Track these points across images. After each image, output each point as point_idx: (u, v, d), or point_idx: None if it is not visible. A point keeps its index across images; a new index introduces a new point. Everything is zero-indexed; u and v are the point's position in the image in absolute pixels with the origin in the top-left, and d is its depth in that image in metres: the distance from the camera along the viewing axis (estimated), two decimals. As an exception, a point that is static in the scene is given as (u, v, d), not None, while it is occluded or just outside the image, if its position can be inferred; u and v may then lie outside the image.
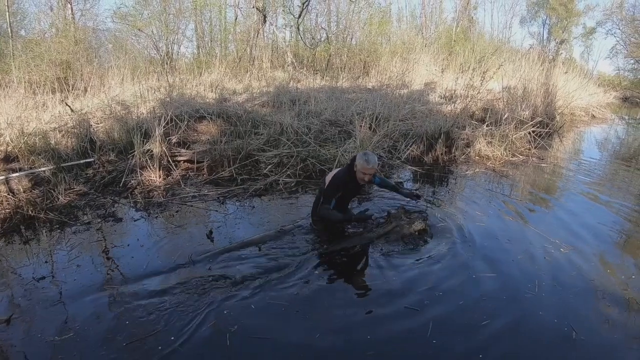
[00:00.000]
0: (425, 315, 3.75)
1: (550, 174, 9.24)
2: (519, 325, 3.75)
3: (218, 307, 3.74)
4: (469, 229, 5.70)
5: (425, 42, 23.74)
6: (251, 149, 8.12)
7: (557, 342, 3.58)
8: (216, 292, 3.97)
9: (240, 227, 5.56)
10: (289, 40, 21.81)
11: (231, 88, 14.07)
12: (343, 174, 5.14)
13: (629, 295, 4.36)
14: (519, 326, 3.74)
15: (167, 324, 3.50)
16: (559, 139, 13.98)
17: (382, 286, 4.26)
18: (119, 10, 18.17)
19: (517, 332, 3.67)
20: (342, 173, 5.17)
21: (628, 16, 44.51)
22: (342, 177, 5.12)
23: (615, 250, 5.52)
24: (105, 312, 3.67)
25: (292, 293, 4.03)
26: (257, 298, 3.91)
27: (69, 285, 4.07)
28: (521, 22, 57.72)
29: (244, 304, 3.82)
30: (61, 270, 4.34)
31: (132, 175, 7.00)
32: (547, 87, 14.67)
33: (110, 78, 12.22)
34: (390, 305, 3.93)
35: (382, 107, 10.81)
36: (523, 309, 3.99)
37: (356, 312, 3.81)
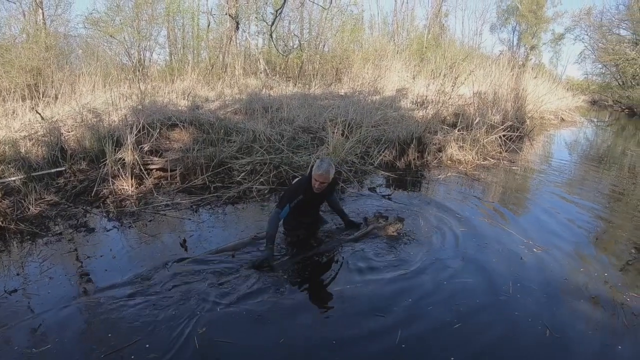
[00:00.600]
0: (394, 321, 3.81)
1: (521, 177, 9.45)
2: (492, 327, 3.83)
3: (194, 314, 3.75)
4: (443, 233, 5.82)
5: (397, 48, 23.95)
6: (224, 156, 8.13)
7: (530, 342, 3.68)
8: (191, 300, 3.98)
9: (214, 235, 5.57)
10: (262, 48, 21.83)
11: (203, 95, 14.01)
12: (306, 179, 5.16)
13: (602, 292, 4.50)
14: (491, 328, 3.82)
15: (144, 334, 3.50)
16: (529, 142, 14.28)
17: (352, 292, 4.31)
18: (91, 16, 17.99)
19: (490, 334, 3.75)
20: (305, 178, 5.22)
21: (596, 22, 45.53)
22: (301, 184, 5.16)
23: (588, 248, 5.69)
24: (81, 324, 3.66)
25: (264, 299, 4.06)
26: (231, 305, 3.94)
27: (42, 297, 4.02)
28: (491, 28, 58.76)
29: (218, 311, 3.84)
30: (33, 283, 4.29)
31: (104, 185, 6.93)
32: (517, 92, 14.99)
33: (81, 85, 12.08)
34: (358, 311, 3.99)
35: (354, 113, 10.90)
36: (496, 311, 4.08)
37: (324, 318, 3.88)
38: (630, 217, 7.19)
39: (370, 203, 6.97)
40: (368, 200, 7.13)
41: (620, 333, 3.84)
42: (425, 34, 28.94)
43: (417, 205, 7.01)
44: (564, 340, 3.69)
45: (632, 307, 4.23)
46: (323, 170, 4.89)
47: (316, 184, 4.97)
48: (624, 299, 4.37)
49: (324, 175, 4.91)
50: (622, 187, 9.34)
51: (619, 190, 9.09)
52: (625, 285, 4.70)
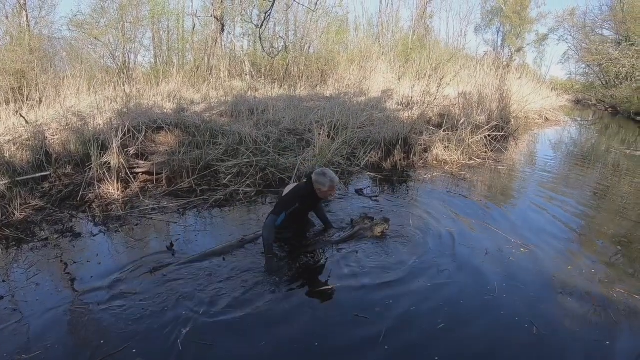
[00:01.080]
0: (378, 322, 3.82)
1: (507, 176, 9.55)
2: (477, 327, 3.87)
3: (181, 320, 3.75)
4: (428, 234, 5.86)
5: (382, 50, 24.01)
6: (210, 159, 8.12)
7: (517, 340, 3.72)
8: (178, 305, 3.99)
9: (201, 239, 5.57)
10: (247, 50, 21.81)
11: (189, 98, 13.98)
12: (303, 188, 5.24)
13: (590, 289, 4.56)
14: (476, 327, 3.86)
15: (133, 340, 3.49)
16: (514, 142, 14.43)
17: (335, 293, 4.35)
18: (75, 18, 17.88)
19: (475, 333, 3.78)
20: (302, 187, 5.28)
21: (579, 23, 46.29)
22: (301, 191, 5.23)
23: (575, 245, 5.79)
24: (69, 330, 3.64)
25: (250, 303, 4.07)
26: (217, 309, 3.94)
27: (29, 304, 4.00)
28: (476, 30, 59.20)
29: (204, 315, 3.84)
30: (20, 289, 4.27)
31: (90, 189, 6.90)
32: (502, 92, 15.11)
33: (65, 88, 11.98)
34: (341, 312, 4.02)
35: (340, 114, 10.93)
36: (482, 311, 4.12)
37: (307, 320, 3.89)
38: (615, 213, 7.30)
39: (356, 204, 7.00)
40: (354, 202, 7.17)
41: (609, 329, 3.90)
42: (410, 36, 29.05)
43: (403, 206, 7.06)
44: (551, 337, 3.74)
45: (620, 303, 4.30)
46: (336, 181, 5.16)
47: (331, 194, 5.25)
48: (611, 295, 4.45)
49: (333, 185, 5.14)
50: (606, 185, 9.49)
51: (604, 187, 9.23)
52: (613, 281, 4.78)
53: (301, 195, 5.21)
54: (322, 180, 5.09)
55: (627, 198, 8.39)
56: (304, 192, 5.22)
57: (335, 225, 5.91)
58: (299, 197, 5.19)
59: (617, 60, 34.42)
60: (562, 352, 3.60)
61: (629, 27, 34.42)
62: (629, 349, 3.67)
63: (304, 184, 5.30)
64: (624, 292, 4.49)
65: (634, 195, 8.64)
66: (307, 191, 5.21)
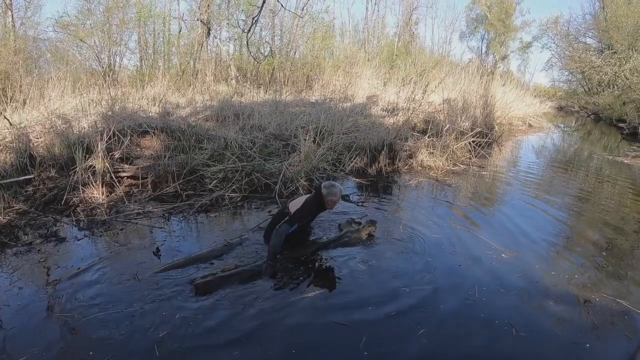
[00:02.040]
0: (357, 329, 3.84)
1: (490, 181, 9.64)
2: (456, 331, 3.90)
3: (166, 324, 3.76)
4: (411, 239, 5.92)
5: (368, 56, 24.10)
6: (196, 164, 8.11)
7: (496, 341, 3.77)
8: (163, 310, 3.98)
9: (187, 244, 5.57)
10: (233, 54, 21.77)
11: (174, 102, 13.94)
12: (314, 201, 5.40)
13: (572, 293, 4.64)
14: (455, 331, 3.89)
15: (116, 348, 3.48)
16: (498, 148, 14.57)
17: (313, 299, 4.36)
18: (61, 20, 17.73)
19: (454, 337, 3.82)
20: (312, 201, 5.42)
21: (563, 31, 46.97)
22: (313, 204, 5.40)
23: (557, 251, 5.85)
24: (52, 337, 3.61)
25: (232, 309, 4.08)
26: (201, 315, 3.94)
27: (12, 309, 3.98)
28: (461, 37, 59.74)
29: (193, 319, 3.85)
30: (3, 294, 4.23)
31: (74, 193, 6.86)
32: (486, 98, 15.27)
33: (50, 90, 11.89)
34: (319, 318, 4.04)
35: (325, 120, 10.97)
36: (461, 315, 4.16)
37: (286, 327, 3.87)
38: (597, 218, 7.41)
39: (341, 210, 7.02)
40: (339, 207, 7.19)
41: (590, 331, 3.97)
42: (396, 42, 29.20)
43: (388, 211, 7.11)
44: (530, 339, 3.81)
45: (601, 307, 4.38)
46: (342, 190, 5.46)
47: (336, 203, 5.47)
48: (593, 299, 4.52)
49: (341, 193, 5.46)
50: (588, 190, 9.65)
51: (586, 192, 9.38)
52: (595, 285, 4.86)
53: (312, 210, 5.43)
54: (334, 191, 5.31)
55: (609, 203, 8.53)
56: (315, 205, 5.40)
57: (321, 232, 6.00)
58: (311, 211, 5.44)
59: (600, 67, 34.90)
60: (541, 354, 3.65)
61: (611, 35, 34.95)
62: (608, 352, 3.73)
63: (314, 196, 5.44)
64: (606, 297, 4.56)
65: (616, 201, 8.78)
66: (317, 203, 5.39)
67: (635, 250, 6.11)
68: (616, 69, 32.51)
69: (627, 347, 3.79)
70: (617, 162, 13.44)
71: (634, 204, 8.53)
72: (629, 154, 14.54)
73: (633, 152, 14.73)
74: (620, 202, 8.66)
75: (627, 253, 5.96)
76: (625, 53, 32.51)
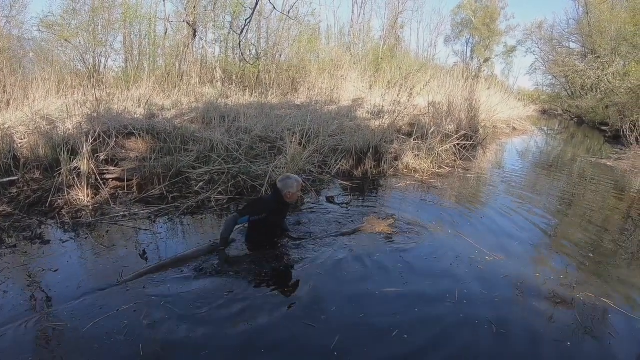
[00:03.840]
0: (329, 330, 3.85)
1: (475, 184, 9.76)
2: (432, 332, 3.94)
3: (152, 327, 3.75)
4: (395, 240, 5.94)
5: (353, 59, 24.16)
6: (181, 166, 8.08)
7: (474, 340, 3.82)
8: (148, 312, 3.98)
9: (173, 246, 5.55)
10: (218, 56, 21.72)
11: (159, 104, 13.86)
12: (270, 200, 5.49)
13: (556, 293, 4.70)
14: (431, 332, 3.93)
15: (102, 352, 3.47)
16: (483, 151, 14.73)
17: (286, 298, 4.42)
18: (47, 19, 17.54)
19: (430, 338, 3.85)
20: (268, 199, 5.57)
21: (547, 35, 47.58)
22: (269, 203, 5.44)
23: (542, 252, 5.98)
24: (36, 341, 3.59)
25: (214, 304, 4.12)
26: (189, 313, 3.96)
27: (-4, 312, 3.95)
28: (446, 41, 60.18)
29: (176, 320, 3.85)
30: (-14, 297, 4.20)
31: (59, 195, 6.80)
32: (471, 102, 15.43)
33: (34, 90, 11.79)
34: (291, 318, 4.05)
35: (311, 123, 10.98)
36: (439, 316, 4.18)
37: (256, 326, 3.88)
38: (581, 219, 7.56)
39: (327, 212, 7.04)
40: (324, 209, 7.22)
41: (572, 330, 4.03)
42: (381, 45, 29.30)
43: (373, 214, 7.11)
44: (513, 338, 3.86)
45: (585, 306, 4.46)
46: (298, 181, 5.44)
47: (296, 195, 5.48)
48: (577, 298, 4.60)
49: (299, 184, 5.46)
50: (572, 191, 9.80)
51: (570, 194, 9.53)
52: (580, 284, 4.94)
53: (270, 208, 5.38)
54: (289, 182, 5.34)
55: (593, 204, 8.68)
56: (272, 205, 5.40)
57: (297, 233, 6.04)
58: (267, 209, 5.37)
59: (583, 72, 35.42)
60: (521, 352, 3.70)
61: (594, 40, 35.44)
62: (590, 350, 3.79)
63: (271, 195, 5.53)
64: (590, 295, 4.64)
65: (599, 202, 8.93)
66: (275, 202, 5.41)
67: (619, 250, 6.25)
68: (599, 73, 33.03)
69: (609, 345, 3.86)
70: (600, 164, 13.65)
71: (616, 205, 8.69)
72: (611, 157, 14.72)
73: (615, 155, 14.92)
74: (604, 203, 8.80)
75: (611, 253, 6.08)
76: (608, 57, 33.03)
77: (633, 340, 3.99)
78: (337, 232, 6.00)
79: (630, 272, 5.48)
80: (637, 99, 20.26)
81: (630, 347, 3.89)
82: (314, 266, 5.03)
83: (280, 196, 5.37)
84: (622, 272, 5.41)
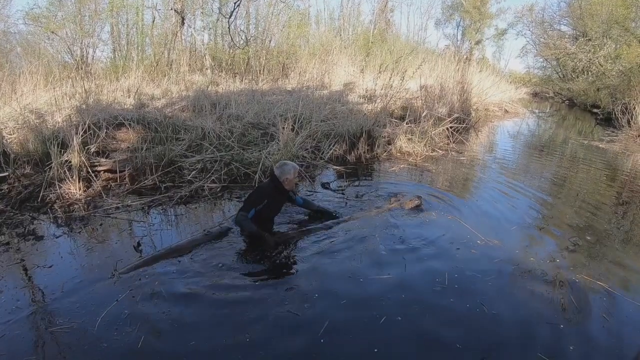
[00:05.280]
0: (316, 317, 3.83)
1: (468, 166, 9.78)
2: (420, 317, 3.90)
3: (149, 320, 3.72)
4: (386, 226, 5.92)
5: (344, 43, 24.05)
6: (173, 155, 8.03)
7: (464, 323, 3.81)
8: (144, 304, 3.95)
9: (168, 236, 5.51)
10: (207, 43, 21.56)
11: (149, 93, 13.75)
12: (268, 186, 5.44)
13: (549, 275, 4.71)
14: (419, 317, 3.89)
15: (101, 344, 3.43)
16: (475, 134, 14.78)
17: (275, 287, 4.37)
18: (32, 12, 17.33)
19: (417, 322, 3.83)
20: (266, 185, 5.49)
21: (538, 18, 47.68)
22: (268, 189, 5.40)
23: (535, 234, 5.98)
24: (32, 338, 3.54)
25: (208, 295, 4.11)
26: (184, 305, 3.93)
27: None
28: (436, 24, 60.12)
29: (173, 313, 3.82)
30: (-20, 295, 4.14)
31: (51, 189, 6.71)
32: (462, 85, 15.42)
33: (22, 84, 11.65)
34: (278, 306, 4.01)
35: (303, 108, 10.94)
36: (426, 301, 4.16)
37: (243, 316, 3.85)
38: (574, 201, 7.57)
39: (322, 198, 7.02)
40: (320, 195, 7.19)
41: (565, 312, 4.04)
42: (372, 29, 29.17)
43: (367, 199, 7.12)
44: (505, 320, 3.87)
45: (579, 288, 4.46)
46: (295, 167, 5.49)
47: (293, 183, 5.58)
48: (571, 280, 4.60)
49: (296, 170, 5.51)
50: (565, 174, 9.82)
51: (562, 176, 9.56)
52: (574, 267, 4.94)
53: (268, 194, 5.37)
54: (286, 169, 5.39)
55: (585, 186, 8.72)
56: (270, 190, 5.40)
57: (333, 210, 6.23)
58: (267, 195, 5.35)
59: (574, 54, 35.54)
60: (513, 334, 3.71)
61: (586, 22, 35.47)
62: (582, 332, 3.79)
63: (268, 182, 5.52)
64: (585, 278, 4.65)
65: (592, 184, 8.96)
66: (273, 188, 5.41)
67: (613, 231, 6.26)
68: (590, 56, 33.19)
69: (602, 328, 3.86)
70: (592, 147, 13.71)
71: (609, 187, 8.72)
72: (603, 139, 14.76)
73: (607, 137, 14.97)
74: (596, 186, 8.82)
75: (605, 234, 6.07)
76: (600, 40, 33.12)
77: (626, 322, 3.98)
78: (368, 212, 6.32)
79: (624, 254, 5.47)
80: (628, 81, 20.29)
81: (623, 328, 3.88)
82: (304, 255, 5.01)
83: (278, 182, 5.39)
84: (617, 254, 5.41)
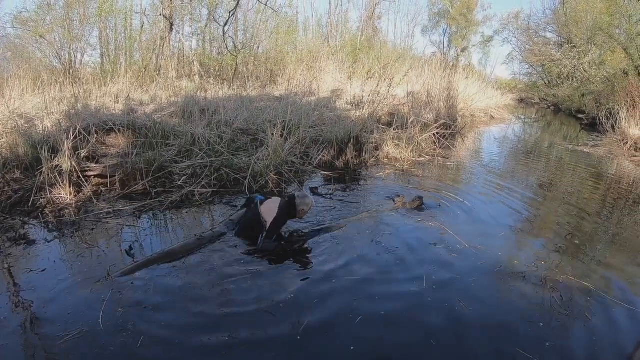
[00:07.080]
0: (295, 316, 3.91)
1: (455, 171, 9.96)
2: (395, 317, 3.99)
3: (142, 324, 3.76)
4: (371, 228, 6.07)
5: (331, 50, 24.15)
6: (164, 160, 8.05)
7: (440, 323, 3.90)
8: (138, 308, 4.00)
9: (159, 241, 5.56)
10: (196, 49, 21.58)
11: (138, 98, 13.74)
12: (286, 211, 5.52)
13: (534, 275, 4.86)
14: (394, 318, 3.98)
15: (90, 348, 3.47)
16: (462, 139, 14.96)
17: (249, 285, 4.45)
18: (20, 15, 17.25)
19: (393, 323, 3.91)
20: (285, 210, 5.51)
21: (523, 25, 48.24)
22: (285, 214, 5.51)
23: (521, 237, 6.10)
24: (23, 345, 3.55)
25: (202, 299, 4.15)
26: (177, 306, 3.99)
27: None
28: (423, 31, 60.39)
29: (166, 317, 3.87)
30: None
31: (41, 194, 6.70)
32: (449, 91, 15.60)
33: (10, 89, 11.62)
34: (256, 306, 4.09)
35: (292, 114, 11.00)
36: (404, 303, 4.24)
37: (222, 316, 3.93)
38: (559, 204, 7.72)
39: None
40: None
41: (548, 311, 4.18)
42: (359, 36, 29.29)
43: (355, 203, 7.26)
44: (485, 319, 3.98)
45: (563, 288, 4.62)
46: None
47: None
48: (555, 281, 4.74)
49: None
50: (550, 178, 10.01)
51: (548, 180, 9.75)
52: (558, 267, 5.09)
53: (285, 218, 5.55)
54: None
55: (570, 190, 8.92)
56: (287, 215, 5.55)
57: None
58: (285, 220, 5.57)
59: (560, 61, 35.97)
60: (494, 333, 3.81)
61: (571, 30, 35.89)
62: (563, 331, 3.90)
63: (287, 205, 5.55)
64: (569, 278, 4.78)
65: (577, 187, 9.17)
66: (288, 212, 5.54)
67: (597, 233, 6.44)
68: (575, 62, 33.62)
69: (584, 327, 3.97)
70: (577, 151, 13.94)
71: (593, 190, 8.92)
72: (588, 144, 14.99)
73: (592, 142, 15.19)
74: (582, 189, 9.02)
75: (589, 236, 6.27)
76: (584, 47, 33.54)
77: (609, 322, 4.09)
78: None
79: (609, 255, 5.63)
80: (612, 87, 20.62)
81: (605, 327, 3.99)
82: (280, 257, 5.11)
83: (294, 209, 5.53)
84: (601, 255, 5.56)
